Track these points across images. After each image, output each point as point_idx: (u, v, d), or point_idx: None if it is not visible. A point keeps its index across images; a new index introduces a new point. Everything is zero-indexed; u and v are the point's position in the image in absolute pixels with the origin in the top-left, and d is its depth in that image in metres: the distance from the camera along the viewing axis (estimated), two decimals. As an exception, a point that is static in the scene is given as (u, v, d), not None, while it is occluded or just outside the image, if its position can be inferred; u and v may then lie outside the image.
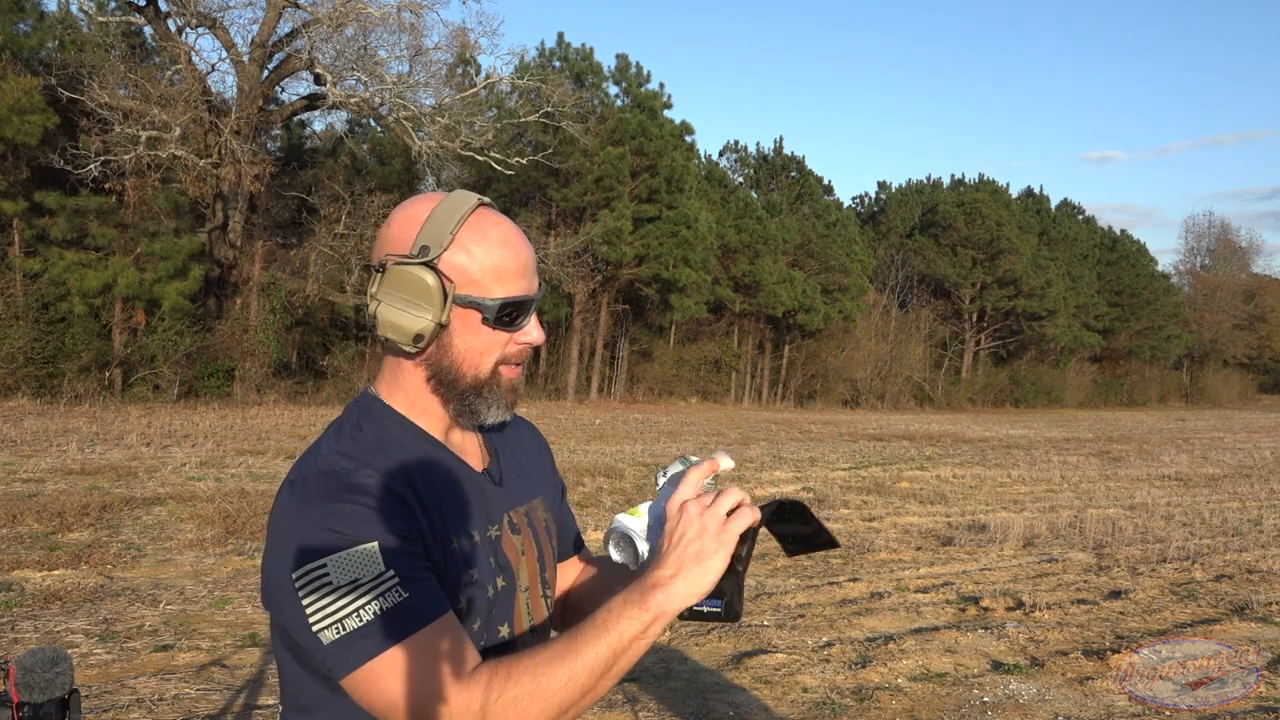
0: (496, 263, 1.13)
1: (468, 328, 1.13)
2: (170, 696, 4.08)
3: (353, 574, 1.00)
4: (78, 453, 11.35)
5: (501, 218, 1.16)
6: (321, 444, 1.13)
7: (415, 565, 1.04)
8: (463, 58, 24.51)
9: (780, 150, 38.28)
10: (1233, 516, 10.50)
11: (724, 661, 4.91)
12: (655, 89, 29.62)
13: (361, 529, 1.02)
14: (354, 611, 1.00)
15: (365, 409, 1.18)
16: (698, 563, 1.03)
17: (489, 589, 1.15)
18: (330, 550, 1.01)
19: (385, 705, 1.01)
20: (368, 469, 1.08)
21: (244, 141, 20.10)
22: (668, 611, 1.02)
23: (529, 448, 1.36)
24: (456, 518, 1.13)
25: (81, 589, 5.75)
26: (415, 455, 1.14)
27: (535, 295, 1.16)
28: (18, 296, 18.53)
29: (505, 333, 1.14)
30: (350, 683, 1.02)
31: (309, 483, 1.07)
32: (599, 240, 26.99)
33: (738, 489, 1.07)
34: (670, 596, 1.02)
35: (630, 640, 1.02)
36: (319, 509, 1.04)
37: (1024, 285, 41.81)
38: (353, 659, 1.00)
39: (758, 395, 36.64)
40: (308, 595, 1.01)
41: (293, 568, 1.02)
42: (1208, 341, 56.77)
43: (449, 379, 1.15)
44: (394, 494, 1.07)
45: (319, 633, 1.01)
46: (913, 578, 7.04)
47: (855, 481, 12.66)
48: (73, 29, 20.91)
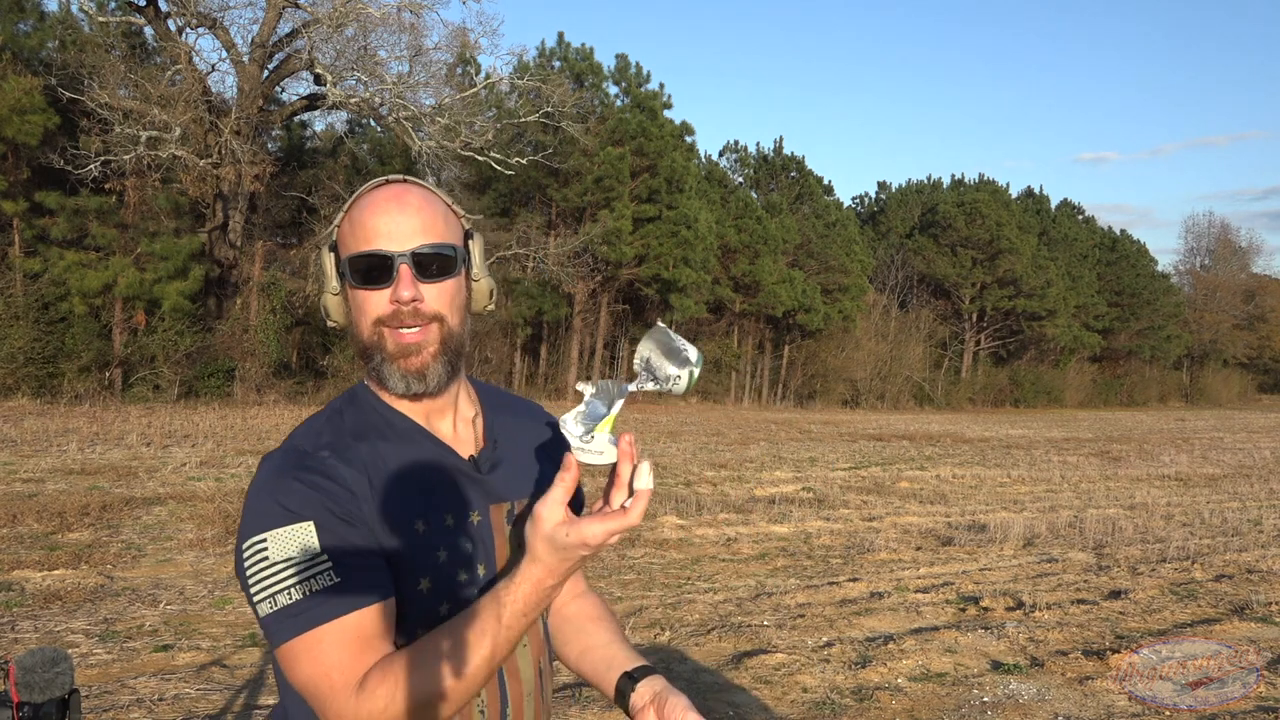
0: (362, 224, 1.15)
1: (349, 293, 1.18)
2: (170, 696, 4.08)
3: (288, 551, 1.04)
4: (78, 453, 11.35)
5: (399, 187, 1.17)
6: (301, 428, 1.17)
7: (353, 549, 1.06)
8: (463, 58, 24.51)
9: (780, 150, 38.27)
10: (1232, 516, 10.50)
11: (724, 661, 4.91)
12: (655, 89, 29.63)
13: (303, 507, 1.05)
14: (285, 588, 1.03)
15: (351, 397, 1.21)
16: (564, 564, 1.04)
17: (461, 573, 1.15)
18: (273, 525, 1.05)
19: (300, 683, 1.05)
20: (327, 450, 1.11)
21: (244, 141, 20.10)
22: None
23: (542, 447, 1.32)
24: (424, 501, 1.14)
25: (81, 589, 5.75)
26: (389, 440, 1.16)
27: (394, 252, 1.12)
28: (18, 296, 18.52)
29: (370, 291, 1.14)
30: (278, 655, 1.06)
31: (272, 459, 1.12)
32: (599, 240, 26.98)
33: (605, 526, 1.01)
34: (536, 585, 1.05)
35: (513, 619, 1.06)
36: (271, 484, 1.08)
37: (1024, 285, 41.81)
38: (280, 635, 1.04)
39: (758, 395, 36.64)
40: (251, 567, 1.05)
41: (243, 538, 1.07)
42: (1208, 341, 56.77)
43: (355, 349, 1.19)
44: (346, 475, 1.09)
45: (258, 604, 1.05)
46: (913, 578, 7.04)
47: (855, 481, 12.66)
48: (73, 29, 20.89)
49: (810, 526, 9.10)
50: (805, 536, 8.61)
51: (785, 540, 8.39)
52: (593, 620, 1.40)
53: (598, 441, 1.04)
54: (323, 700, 1.03)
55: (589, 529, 1.00)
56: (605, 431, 1.05)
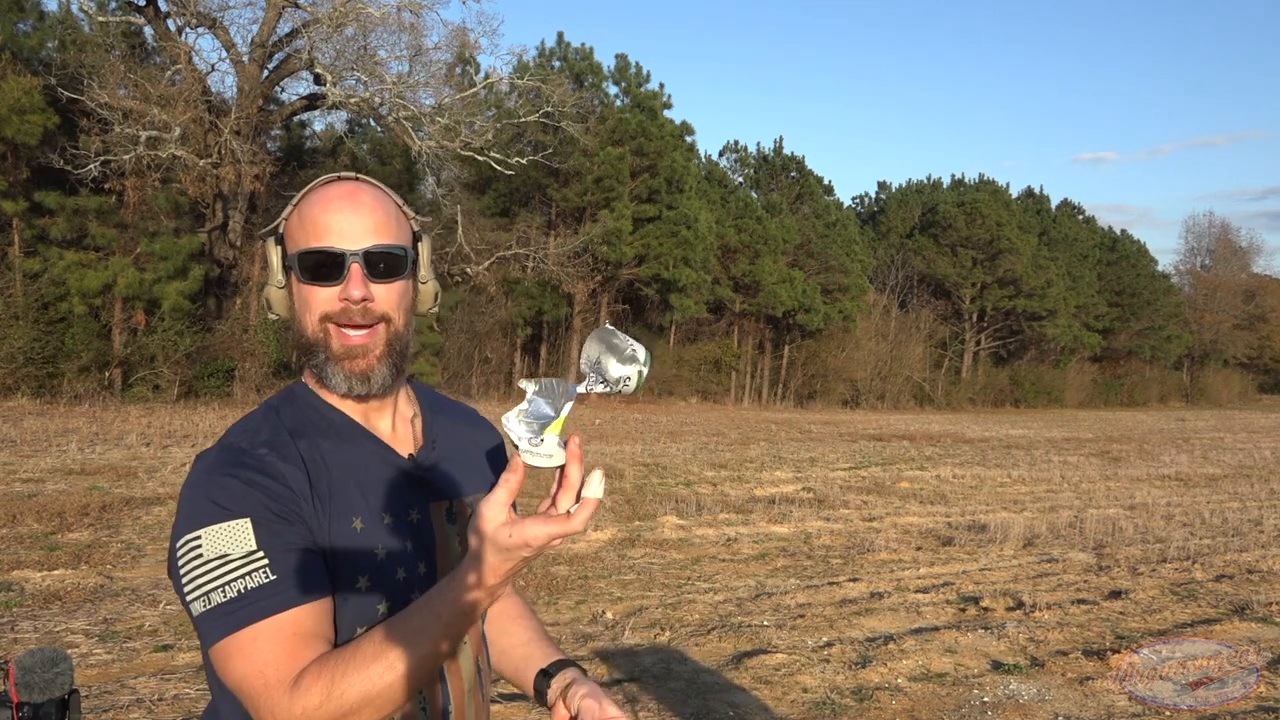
0: (312, 220, 1.13)
1: (295, 288, 1.16)
2: (170, 696, 4.08)
3: (223, 548, 1.02)
4: (78, 453, 11.35)
5: (352, 185, 1.16)
6: (236, 425, 1.16)
7: (289, 546, 1.05)
8: (462, 58, 24.50)
9: (780, 150, 38.27)
10: (1233, 516, 10.50)
11: (724, 661, 4.91)
12: (655, 89, 29.64)
13: (239, 504, 1.04)
14: (219, 586, 1.02)
15: (288, 394, 1.20)
16: (506, 564, 1.01)
17: (399, 570, 1.14)
18: (207, 522, 1.03)
19: (234, 682, 1.03)
20: (263, 447, 1.10)
21: (244, 141, 20.09)
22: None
23: (479, 445, 1.33)
24: (362, 498, 1.13)
25: (81, 589, 5.75)
26: (327, 437, 1.15)
27: (346, 250, 1.11)
28: (18, 296, 18.52)
29: (318, 287, 1.13)
30: (211, 654, 1.04)
31: (207, 457, 1.10)
32: (599, 240, 26.99)
33: (548, 529, 0.98)
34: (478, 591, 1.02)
35: (449, 621, 1.03)
36: (206, 482, 1.06)
37: (1024, 285, 41.82)
38: (213, 633, 1.02)
39: (758, 395, 36.64)
40: (184, 565, 1.04)
41: (177, 536, 1.06)
42: (1208, 341, 56.77)
43: (296, 344, 1.18)
44: (285, 472, 1.08)
45: (191, 602, 1.03)
46: (913, 578, 7.04)
47: (855, 481, 12.66)
48: (73, 29, 20.90)
49: (810, 527, 9.10)
50: (805, 537, 8.61)
51: (785, 540, 8.39)
52: (513, 619, 1.40)
53: (547, 444, 1.02)
54: (256, 699, 1.01)
55: (531, 530, 0.97)
56: (554, 434, 1.03)
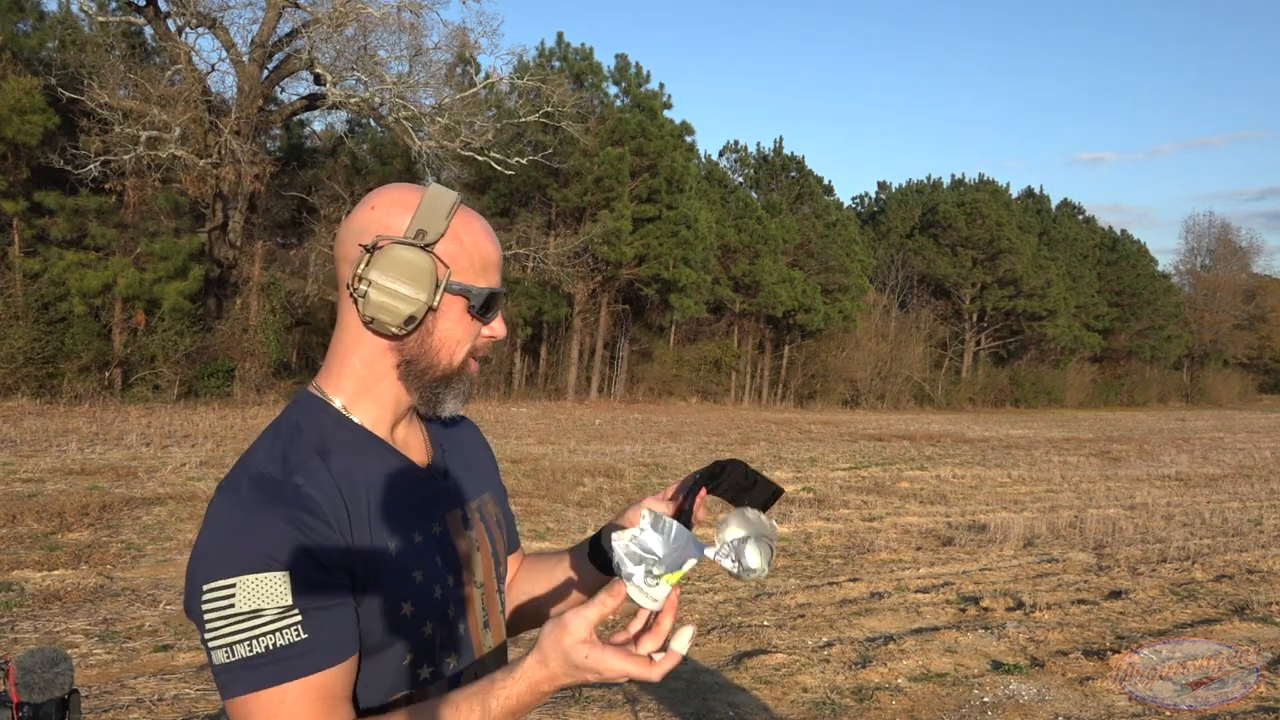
0: (484, 254, 1.15)
1: (452, 315, 1.14)
2: (170, 696, 4.08)
3: (257, 601, 0.98)
4: (78, 453, 11.34)
5: (478, 214, 1.19)
6: (258, 447, 1.10)
7: (325, 601, 1.01)
8: (463, 58, 24.50)
9: (780, 150, 38.27)
10: (1233, 516, 10.50)
11: (724, 661, 4.91)
12: (655, 89, 29.62)
13: (278, 552, 0.99)
14: (247, 640, 0.98)
15: (304, 408, 1.14)
16: (568, 678, 1.00)
17: (436, 589, 1.13)
18: (243, 570, 0.98)
19: None
20: (298, 475, 1.05)
21: (244, 141, 20.09)
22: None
23: (473, 444, 1.35)
24: (396, 520, 1.11)
25: (81, 589, 5.75)
26: (354, 456, 1.11)
27: (503, 291, 1.19)
28: (18, 296, 18.51)
29: (481, 323, 1.17)
30: (230, 707, 1.00)
31: (240, 491, 1.04)
32: (599, 240, 26.99)
33: (626, 667, 0.97)
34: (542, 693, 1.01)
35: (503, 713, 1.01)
36: (242, 521, 1.01)
37: (1024, 285, 41.82)
38: (235, 686, 0.98)
39: (758, 395, 36.63)
40: (210, 610, 0.99)
41: (205, 578, 1.00)
42: (1208, 341, 56.77)
43: (423, 366, 1.14)
44: (322, 503, 1.04)
45: (213, 650, 0.99)
46: (913, 578, 7.04)
47: (855, 481, 12.66)
48: (73, 29, 20.90)
49: (810, 526, 9.10)
50: (805, 536, 8.61)
51: (785, 540, 8.38)
52: (534, 561, 1.44)
53: (659, 589, 1.00)
54: None
55: (610, 661, 0.96)
56: (670, 584, 1.01)
